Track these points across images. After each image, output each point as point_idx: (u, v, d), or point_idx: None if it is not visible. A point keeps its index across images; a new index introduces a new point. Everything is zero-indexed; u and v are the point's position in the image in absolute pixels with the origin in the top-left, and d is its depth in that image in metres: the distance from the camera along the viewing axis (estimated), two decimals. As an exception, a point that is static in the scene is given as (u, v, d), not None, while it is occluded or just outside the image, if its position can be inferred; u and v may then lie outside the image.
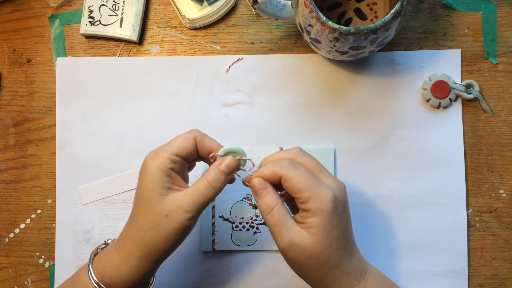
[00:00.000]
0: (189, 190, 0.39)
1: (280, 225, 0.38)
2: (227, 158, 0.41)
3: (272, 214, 0.39)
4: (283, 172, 0.39)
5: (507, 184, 0.52)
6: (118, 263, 0.40)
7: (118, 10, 0.53)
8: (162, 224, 0.38)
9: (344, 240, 0.39)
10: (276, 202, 0.39)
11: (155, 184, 0.39)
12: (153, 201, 0.39)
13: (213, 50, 0.54)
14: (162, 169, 0.39)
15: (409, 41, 0.53)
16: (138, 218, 0.40)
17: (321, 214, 0.38)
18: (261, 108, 0.53)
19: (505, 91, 0.52)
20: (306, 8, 0.44)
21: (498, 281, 0.51)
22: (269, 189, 0.40)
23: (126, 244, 0.40)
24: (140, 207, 0.40)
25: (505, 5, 0.53)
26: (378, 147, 0.52)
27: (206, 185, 0.39)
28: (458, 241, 0.51)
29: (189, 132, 0.41)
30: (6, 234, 0.53)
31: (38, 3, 0.55)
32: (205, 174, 0.40)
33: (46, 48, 0.55)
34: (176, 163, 0.40)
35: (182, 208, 0.38)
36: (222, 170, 0.40)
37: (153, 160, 0.40)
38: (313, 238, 0.38)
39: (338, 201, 0.39)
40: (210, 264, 0.52)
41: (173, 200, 0.39)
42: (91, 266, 0.41)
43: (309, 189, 0.38)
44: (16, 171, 0.54)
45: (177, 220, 0.38)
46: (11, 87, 0.55)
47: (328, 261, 0.38)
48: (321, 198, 0.38)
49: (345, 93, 0.53)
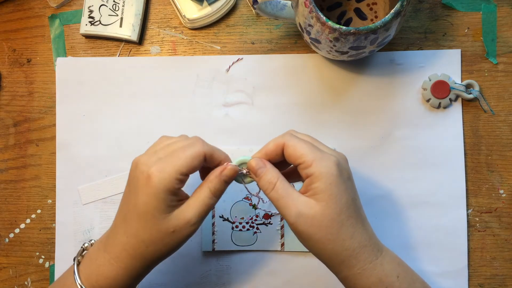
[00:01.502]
0: (192, 203, 0.38)
1: (285, 199, 0.37)
2: (227, 168, 0.39)
3: (275, 189, 0.38)
4: (286, 140, 0.38)
5: (507, 184, 0.52)
6: (115, 275, 0.39)
7: (118, 10, 0.53)
8: (167, 240, 0.38)
9: (355, 208, 0.37)
10: (277, 177, 0.38)
11: (162, 203, 0.37)
12: (159, 219, 0.37)
13: (213, 50, 0.54)
14: (170, 189, 0.37)
15: (409, 41, 0.53)
16: (138, 233, 0.38)
17: (326, 177, 0.36)
18: (261, 108, 0.53)
19: (505, 91, 0.52)
20: (306, 8, 0.44)
21: (498, 281, 0.51)
22: (268, 166, 0.39)
23: (122, 257, 0.38)
24: (141, 223, 0.38)
25: (505, 5, 0.53)
26: (378, 147, 0.52)
27: (209, 195, 0.39)
28: (458, 241, 0.51)
29: (197, 147, 0.38)
30: (6, 234, 0.53)
31: (38, 3, 0.55)
32: (206, 184, 0.39)
33: (46, 48, 0.55)
34: (183, 182, 0.38)
35: (189, 223, 0.38)
36: (223, 180, 0.39)
37: (160, 178, 0.37)
38: (321, 205, 0.36)
39: (342, 166, 0.37)
40: (210, 264, 0.52)
41: (179, 216, 0.38)
42: (79, 278, 0.39)
43: (311, 153, 0.37)
44: (16, 171, 0.54)
45: (184, 234, 0.38)
46: (11, 87, 0.55)
47: (341, 229, 0.36)
48: (325, 161, 0.36)
49: (345, 93, 0.53)
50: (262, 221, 0.52)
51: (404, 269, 0.40)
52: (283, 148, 0.39)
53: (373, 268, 0.38)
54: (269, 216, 0.52)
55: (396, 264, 0.39)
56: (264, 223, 0.52)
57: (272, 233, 0.52)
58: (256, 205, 0.52)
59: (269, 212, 0.52)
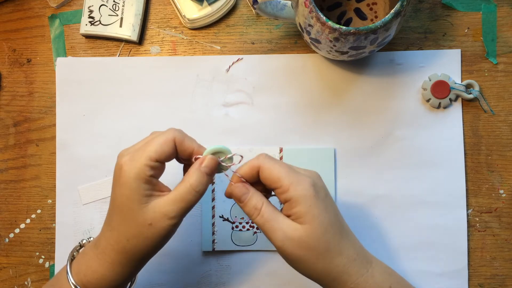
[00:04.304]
0: (171, 196, 0.37)
1: (271, 223, 0.37)
2: (206, 158, 0.39)
3: (261, 214, 0.38)
4: (260, 162, 0.38)
5: (507, 184, 0.52)
6: (102, 270, 0.38)
7: (118, 10, 0.53)
8: (146, 233, 0.37)
9: (338, 224, 0.38)
10: (261, 202, 0.38)
11: (135, 193, 0.37)
12: (135, 210, 0.37)
13: (213, 50, 0.54)
14: (141, 177, 0.37)
15: (409, 41, 0.53)
16: (119, 227, 0.38)
17: (305, 200, 0.36)
18: (261, 108, 0.53)
19: (505, 91, 0.52)
20: (306, 8, 0.44)
21: (498, 281, 0.51)
22: (252, 191, 0.39)
23: (108, 251, 0.38)
24: (120, 215, 0.38)
25: (505, 5, 0.53)
26: (378, 147, 0.52)
27: (189, 190, 0.37)
28: (458, 241, 0.51)
29: (167, 133, 0.38)
30: (6, 234, 0.53)
31: (38, 3, 0.55)
32: (186, 178, 0.38)
33: (46, 48, 0.55)
34: (156, 169, 0.38)
35: (166, 216, 0.37)
36: (204, 172, 0.38)
37: (130, 167, 0.37)
38: (305, 227, 0.36)
39: (318, 187, 0.38)
40: (210, 264, 0.52)
41: (156, 208, 0.37)
42: (70, 273, 0.39)
43: (288, 177, 0.37)
44: (16, 171, 0.54)
45: (161, 228, 0.37)
46: (11, 87, 0.55)
47: (328, 248, 0.37)
48: (301, 185, 0.37)
49: (345, 93, 0.53)
50: (262, 221, 0.52)
51: (396, 279, 0.40)
52: (259, 171, 0.39)
53: (365, 281, 0.38)
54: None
55: (388, 274, 0.40)
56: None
57: (272, 233, 0.52)
58: None
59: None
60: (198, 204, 0.52)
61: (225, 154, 0.40)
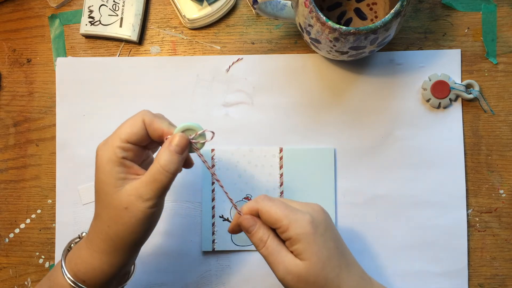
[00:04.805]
0: (144, 178, 0.37)
1: (275, 256, 0.38)
2: (175, 136, 0.38)
3: (266, 247, 0.39)
4: (259, 206, 0.39)
5: (507, 184, 0.52)
6: (90, 259, 0.38)
7: (118, 10, 0.53)
8: (124, 217, 0.37)
9: (337, 258, 0.39)
10: (268, 235, 0.39)
11: (109, 176, 0.37)
12: (110, 194, 0.37)
13: (213, 50, 0.54)
14: (113, 160, 0.37)
15: (409, 41, 0.53)
16: (100, 213, 0.38)
17: (304, 238, 0.37)
18: (261, 108, 0.53)
19: (505, 91, 0.52)
20: (306, 8, 0.44)
21: (498, 281, 0.51)
22: (259, 223, 0.40)
23: (94, 239, 0.39)
24: (99, 201, 0.38)
25: (505, 5, 0.53)
26: (378, 147, 0.52)
27: (159, 169, 0.37)
28: (458, 241, 0.51)
29: (137, 115, 0.39)
30: (6, 234, 0.53)
31: (38, 3, 0.55)
32: (156, 158, 0.38)
33: (46, 48, 0.55)
34: (128, 151, 0.38)
35: (141, 198, 0.37)
36: (173, 150, 0.38)
37: (103, 151, 0.38)
38: (305, 264, 0.37)
39: (317, 222, 0.39)
40: (210, 264, 0.52)
41: (130, 191, 0.37)
42: (64, 263, 0.40)
43: (286, 217, 0.38)
44: (16, 171, 0.54)
45: (138, 211, 0.37)
46: (11, 87, 0.55)
47: (327, 283, 0.38)
48: (299, 223, 0.38)
49: (345, 93, 0.53)
50: (262, 221, 0.52)
51: None
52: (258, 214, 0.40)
53: None
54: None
55: None
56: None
57: (272, 233, 0.52)
58: None
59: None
60: (198, 204, 0.52)
61: (196, 131, 0.39)
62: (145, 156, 0.41)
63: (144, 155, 0.41)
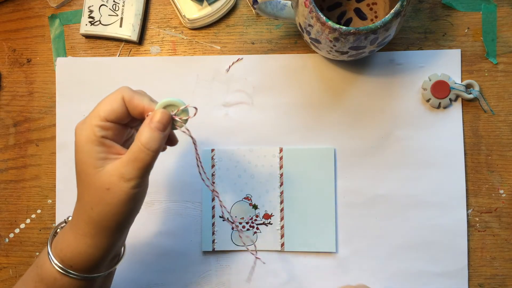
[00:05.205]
0: (125, 157, 0.35)
1: None
2: (156, 113, 0.36)
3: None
4: None
5: (507, 184, 0.52)
6: (75, 243, 0.37)
7: (118, 10, 0.53)
8: (106, 198, 0.35)
9: None
10: None
11: (88, 157, 0.35)
12: (91, 175, 0.35)
13: (213, 50, 0.54)
14: (92, 139, 0.35)
15: (409, 41, 0.53)
16: (82, 195, 0.36)
17: None
18: (261, 108, 0.53)
19: (505, 91, 0.52)
20: (306, 8, 0.44)
21: (498, 281, 0.51)
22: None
23: (79, 223, 0.37)
24: (81, 183, 0.36)
25: (505, 5, 0.53)
26: (378, 147, 0.52)
27: (140, 148, 0.35)
28: (458, 241, 0.51)
29: (116, 91, 0.37)
30: (6, 234, 0.53)
31: (38, 3, 0.55)
32: (137, 136, 0.36)
33: (46, 48, 0.55)
34: (108, 129, 0.36)
35: (123, 178, 0.35)
36: (155, 127, 0.36)
37: (81, 130, 0.36)
38: None
39: None
40: (210, 264, 0.52)
41: (111, 171, 0.35)
42: (50, 248, 0.38)
43: None
44: (16, 171, 0.54)
45: (120, 192, 0.35)
46: (11, 87, 0.55)
47: None
48: None
49: (345, 93, 0.53)
50: (262, 221, 0.52)
51: None
52: None
53: None
54: (269, 216, 0.52)
55: None
56: (264, 223, 0.52)
57: (272, 233, 0.52)
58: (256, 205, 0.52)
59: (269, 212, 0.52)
60: (198, 204, 0.52)
61: (178, 107, 0.37)
62: (127, 135, 0.39)
63: (126, 134, 0.39)
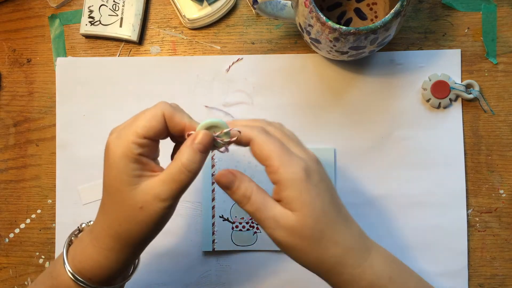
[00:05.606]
0: (162, 177, 0.34)
1: (262, 211, 0.35)
2: (199, 133, 0.35)
3: (250, 202, 0.35)
4: (253, 136, 0.35)
5: (507, 184, 0.52)
6: (96, 257, 0.36)
7: (118, 10, 0.53)
8: (138, 217, 0.34)
9: (334, 211, 0.35)
10: (251, 189, 0.35)
11: (123, 174, 0.34)
12: (124, 192, 0.34)
13: (213, 50, 0.54)
14: (128, 156, 0.34)
15: (409, 41, 0.53)
16: (110, 211, 0.36)
17: (295, 185, 0.34)
18: (261, 108, 0.53)
19: (505, 91, 0.52)
20: (306, 8, 0.44)
21: (498, 281, 0.51)
22: (239, 177, 0.36)
23: (102, 237, 0.36)
24: (110, 199, 0.35)
25: (505, 5, 0.53)
26: (378, 147, 0.52)
27: (180, 169, 0.34)
28: (458, 241, 0.51)
29: (156, 107, 0.36)
30: (6, 234, 0.53)
31: (38, 3, 0.55)
32: (178, 156, 0.35)
33: (46, 48, 0.55)
34: (145, 146, 0.35)
35: (158, 198, 0.34)
36: (196, 149, 0.35)
37: (117, 146, 0.34)
38: (297, 215, 0.34)
39: (310, 170, 0.35)
40: (210, 264, 0.52)
41: (146, 190, 0.34)
42: (67, 259, 0.37)
43: (278, 157, 0.34)
44: (16, 171, 0.54)
45: (153, 212, 0.34)
46: (11, 87, 0.55)
47: (322, 237, 0.34)
48: (291, 167, 0.34)
49: (345, 93, 0.53)
50: (262, 221, 0.52)
51: (397, 268, 0.38)
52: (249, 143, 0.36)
53: (362, 273, 0.35)
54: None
55: (388, 264, 0.37)
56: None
57: (272, 233, 0.52)
58: None
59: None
60: (198, 204, 0.52)
61: (221, 128, 0.36)
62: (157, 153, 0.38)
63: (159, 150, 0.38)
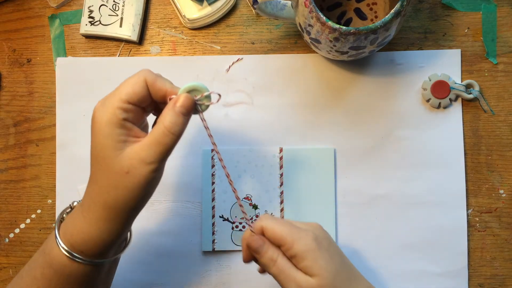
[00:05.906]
0: (146, 141, 0.35)
1: (285, 274, 0.38)
2: (180, 97, 0.36)
3: (276, 265, 0.39)
4: (264, 223, 0.39)
5: (507, 184, 0.52)
6: (87, 228, 0.37)
7: (118, 10, 0.53)
8: (125, 182, 0.35)
9: (346, 270, 0.40)
10: (277, 254, 0.39)
11: (108, 139, 0.35)
12: (110, 158, 0.35)
13: (213, 50, 0.54)
14: (113, 121, 0.35)
15: (409, 41, 0.53)
16: (98, 179, 0.36)
17: (310, 255, 0.38)
18: (261, 108, 0.53)
19: (505, 91, 0.52)
20: (306, 8, 0.44)
21: (498, 281, 0.51)
22: (267, 242, 0.40)
23: (91, 207, 0.37)
24: (97, 166, 0.36)
25: (505, 5, 0.53)
26: (378, 147, 0.52)
27: (164, 132, 0.35)
28: (458, 241, 0.51)
29: (138, 74, 0.37)
30: (6, 234, 0.53)
31: (38, 3, 0.55)
32: (160, 120, 0.36)
33: (46, 48, 0.55)
34: (129, 111, 0.36)
35: (144, 161, 0.35)
36: (178, 111, 0.36)
37: (102, 112, 0.35)
38: (316, 279, 0.37)
39: (320, 238, 0.39)
40: (210, 264, 0.52)
41: (132, 154, 0.35)
42: (58, 234, 0.38)
43: (290, 234, 0.38)
44: (16, 171, 0.54)
45: (140, 175, 0.35)
46: (11, 87, 0.55)
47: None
48: (303, 240, 0.38)
49: (345, 93, 0.53)
50: (262, 221, 0.52)
51: None
52: (263, 232, 0.40)
53: None
54: (269, 216, 0.52)
55: None
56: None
57: (272, 233, 0.52)
58: (256, 205, 0.52)
59: (269, 212, 0.52)
60: (198, 204, 0.52)
61: (202, 92, 0.37)
62: (144, 122, 0.40)
63: (144, 117, 0.39)
